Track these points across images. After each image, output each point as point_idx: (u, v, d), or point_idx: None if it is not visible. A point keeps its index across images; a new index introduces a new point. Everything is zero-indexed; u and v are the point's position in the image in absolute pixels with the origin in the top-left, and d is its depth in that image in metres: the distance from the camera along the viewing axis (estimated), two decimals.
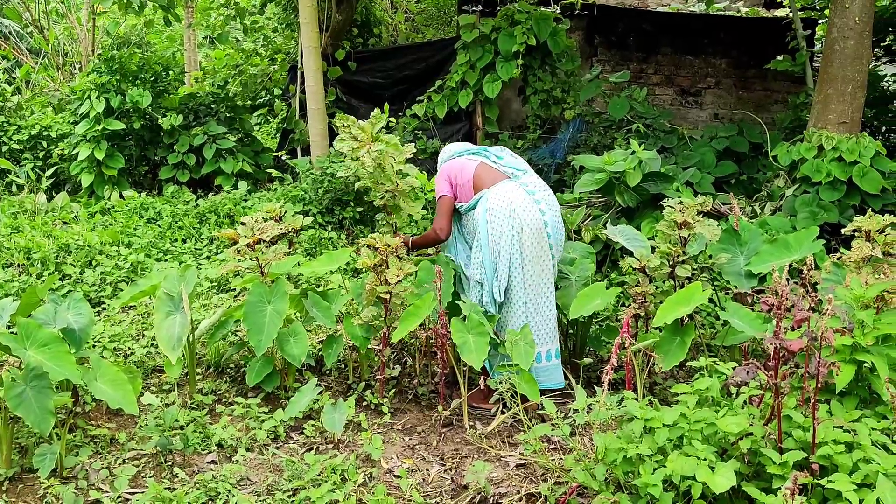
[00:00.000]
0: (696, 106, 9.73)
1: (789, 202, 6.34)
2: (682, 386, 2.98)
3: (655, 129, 8.04)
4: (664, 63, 9.63)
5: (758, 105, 9.52)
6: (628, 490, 2.75)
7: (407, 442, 3.76)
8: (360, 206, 6.90)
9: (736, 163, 7.86)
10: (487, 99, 8.17)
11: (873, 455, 2.40)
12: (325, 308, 4.11)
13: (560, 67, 8.35)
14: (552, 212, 4.01)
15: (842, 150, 6.19)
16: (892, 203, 6.30)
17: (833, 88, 6.39)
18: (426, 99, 8.33)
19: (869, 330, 2.88)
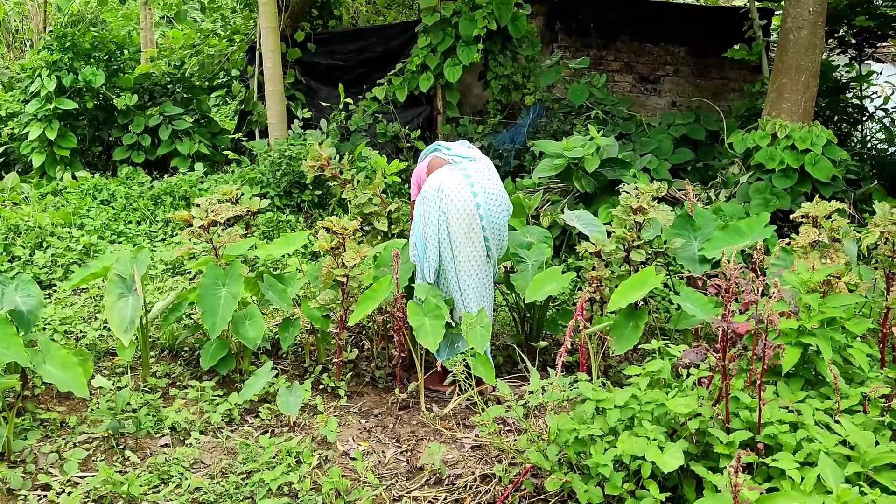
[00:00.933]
0: (655, 93, 9.82)
1: (743, 189, 6.45)
2: (634, 368, 3.03)
3: (614, 116, 8.09)
4: (624, 50, 9.70)
5: (715, 93, 9.64)
6: (580, 470, 2.79)
7: (363, 424, 3.77)
8: (318, 190, 6.85)
9: (692, 150, 7.96)
10: (448, 83, 8.14)
11: (816, 434, 2.46)
12: (281, 291, 4.08)
13: (521, 53, 8.35)
14: (487, 197, 3.95)
15: (795, 139, 6.31)
16: (842, 191, 6.46)
17: (787, 78, 6.50)
18: (386, 82, 8.27)
19: (814, 313, 2.95)
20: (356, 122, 7.94)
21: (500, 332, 5.00)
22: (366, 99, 8.24)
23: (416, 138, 7.92)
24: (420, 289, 3.93)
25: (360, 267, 4.01)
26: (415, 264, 4.05)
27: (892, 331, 3.36)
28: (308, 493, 3.01)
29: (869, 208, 6.32)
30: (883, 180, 8.40)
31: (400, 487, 3.19)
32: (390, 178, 6.62)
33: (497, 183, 4.11)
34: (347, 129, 8.00)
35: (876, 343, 3.38)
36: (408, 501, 3.07)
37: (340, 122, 7.91)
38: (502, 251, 4.15)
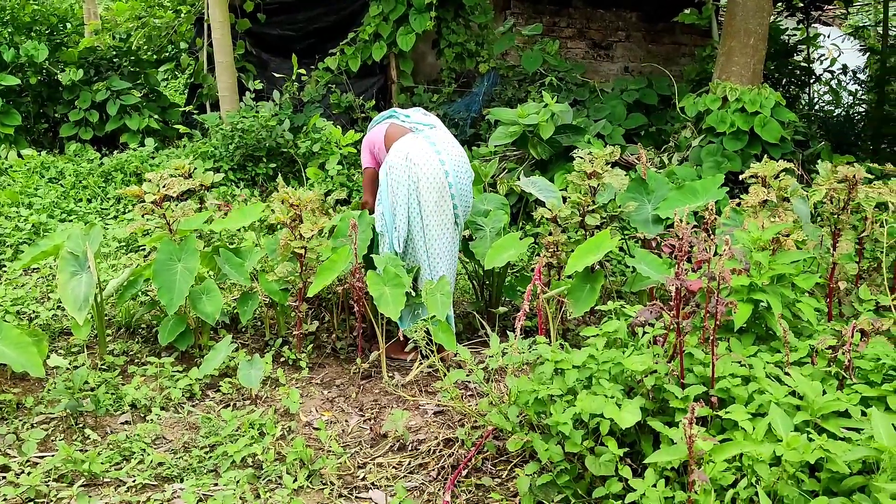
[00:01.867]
0: (608, 59, 9.87)
1: (696, 152, 6.55)
2: (591, 329, 3.08)
3: (568, 83, 8.13)
4: (576, 16, 9.71)
5: (666, 58, 9.72)
6: (541, 429, 2.85)
7: (326, 395, 3.78)
8: (272, 163, 6.78)
9: (645, 115, 8.05)
10: (402, 52, 8.08)
11: (767, 386, 2.54)
12: (238, 265, 4.05)
13: (473, 20, 8.32)
14: (454, 164, 4.00)
15: (744, 102, 6.42)
16: (791, 151, 6.60)
17: (736, 41, 6.59)
18: (339, 52, 8.18)
19: (765, 270, 3.03)
20: (309, 94, 7.85)
21: (460, 299, 5.03)
22: (318, 69, 8.14)
23: (370, 108, 7.87)
24: (379, 259, 3.93)
25: (317, 238, 3.99)
26: (381, 234, 4.04)
27: (838, 285, 3.47)
28: (272, 464, 3.01)
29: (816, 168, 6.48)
30: (830, 140, 8.60)
31: (364, 455, 3.22)
32: (345, 149, 6.59)
33: (460, 150, 4.14)
34: (300, 100, 7.91)
35: (823, 297, 3.48)
36: (372, 468, 3.10)
37: (293, 94, 7.81)
38: (467, 217, 4.20)
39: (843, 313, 3.56)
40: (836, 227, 3.45)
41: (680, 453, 2.14)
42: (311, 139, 6.70)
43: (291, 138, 6.75)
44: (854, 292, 3.57)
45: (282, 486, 2.89)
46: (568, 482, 2.70)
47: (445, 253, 4.04)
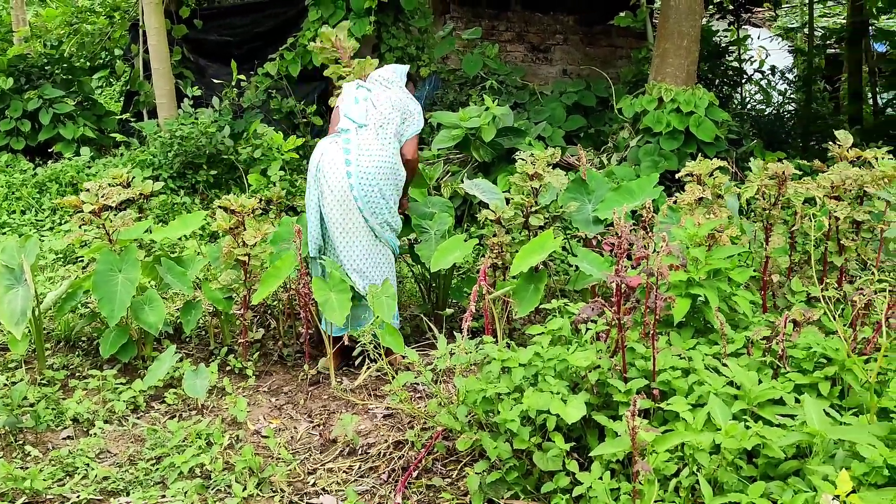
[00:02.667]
0: (547, 62, 10.01)
1: (633, 152, 6.70)
2: (536, 327, 3.13)
3: (508, 86, 8.23)
4: (514, 20, 9.82)
5: (604, 61, 9.91)
6: (489, 428, 2.88)
7: (274, 402, 3.76)
8: (213, 170, 6.69)
9: (584, 116, 8.19)
10: None
11: (706, 378, 2.62)
12: (180, 274, 4.00)
13: (413, 24, 8.35)
14: (362, 177, 3.84)
15: (679, 102, 6.59)
16: (725, 149, 6.79)
17: (670, 43, 6.76)
18: (278, 57, 8.11)
19: (701, 265, 3.12)
20: (249, 99, 7.78)
21: (407, 302, 5.05)
22: (258, 75, 8.07)
23: (312, 113, 7.83)
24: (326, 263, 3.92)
25: (261, 245, 3.96)
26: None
27: (771, 278, 3.59)
28: (221, 473, 2.99)
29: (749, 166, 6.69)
30: (762, 138, 8.88)
31: (314, 461, 3.21)
32: (287, 154, 6.55)
33: (379, 158, 3.93)
34: (240, 106, 7.83)
35: (758, 290, 3.60)
36: (322, 473, 3.10)
37: (233, 100, 7.72)
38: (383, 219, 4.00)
39: (777, 305, 3.68)
40: (768, 222, 3.58)
41: (623, 445, 2.19)
42: (252, 145, 6.64)
43: (232, 145, 6.68)
44: (787, 284, 3.70)
45: (231, 496, 2.86)
46: (517, 479, 2.74)
47: (363, 265, 3.94)
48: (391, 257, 4.08)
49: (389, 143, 4.00)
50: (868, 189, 3.63)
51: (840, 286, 3.65)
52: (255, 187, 6.23)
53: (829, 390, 2.58)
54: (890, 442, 2.17)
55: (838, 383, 2.63)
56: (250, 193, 6.17)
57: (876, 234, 3.72)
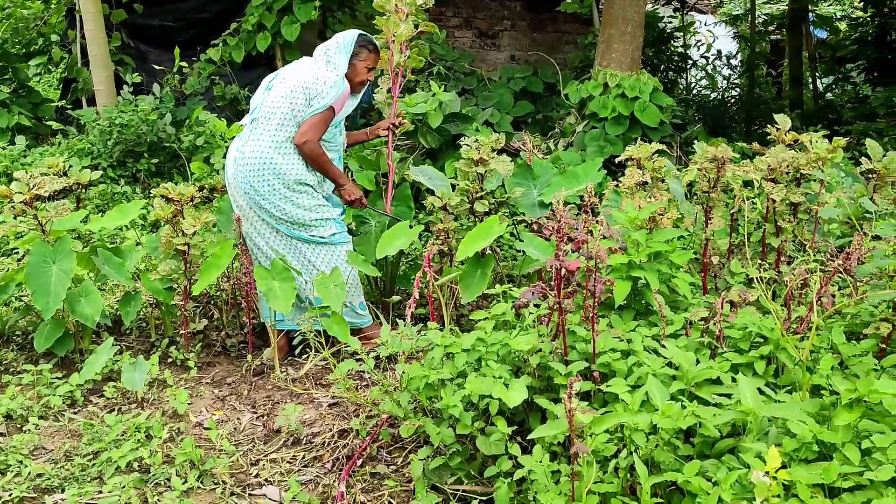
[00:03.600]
0: (494, 48, 10.00)
1: (580, 138, 6.73)
2: (480, 312, 3.13)
3: (456, 72, 8.20)
4: (462, 6, 9.78)
5: (551, 46, 9.93)
6: (433, 414, 2.88)
7: (217, 394, 3.70)
8: (155, 158, 6.54)
9: (532, 102, 8.21)
10: (287, 42, 7.92)
11: (645, 359, 2.65)
12: (118, 265, 3.90)
13: (360, 10, 8.26)
14: (241, 165, 3.79)
15: (624, 87, 6.63)
16: (670, 134, 6.87)
17: (615, 28, 6.79)
18: (221, 43, 7.95)
19: (642, 248, 3.15)
20: (191, 86, 7.61)
21: None
22: (201, 61, 7.90)
23: None
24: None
25: (201, 234, 3.89)
26: None
27: (711, 260, 3.64)
28: (160, 467, 2.93)
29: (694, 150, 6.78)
30: (706, 123, 9.01)
31: (257, 451, 3.17)
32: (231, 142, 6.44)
33: (257, 143, 3.80)
34: (183, 93, 7.65)
35: (698, 272, 3.65)
36: (265, 464, 3.06)
37: (175, 87, 7.55)
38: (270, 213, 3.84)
39: (718, 286, 3.74)
40: (708, 204, 3.62)
41: (561, 427, 2.20)
42: (195, 133, 6.50)
43: (174, 132, 6.53)
44: (727, 266, 3.76)
45: (171, 489, 2.81)
46: (460, 464, 2.74)
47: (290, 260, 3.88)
48: (323, 249, 3.98)
49: (273, 133, 3.81)
50: (804, 171, 3.70)
51: (777, 267, 3.72)
52: (198, 175, 6.10)
53: (765, 369, 2.62)
54: (820, 418, 2.22)
55: (773, 362, 2.68)
56: (193, 182, 6.04)
57: (812, 216, 3.80)
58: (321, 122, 3.83)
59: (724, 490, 1.99)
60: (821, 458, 2.09)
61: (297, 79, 3.84)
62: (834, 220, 4.09)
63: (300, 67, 3.94)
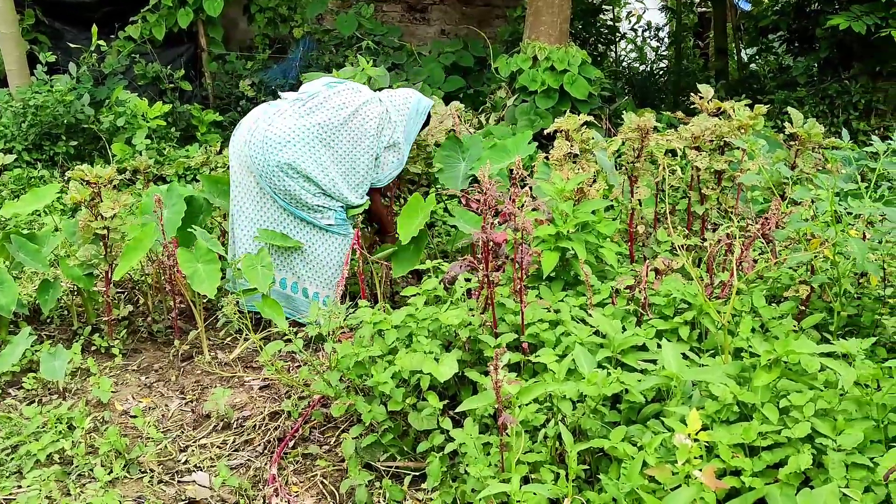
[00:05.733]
0: (424, 22, 9.90)
1: (510, 112, 6.73)
2: (411, 288, 3.11)
3: (385, 46, 8.10)
4: None
5: (481, 20, 9.89)
6: (364, 392, 2.85)
7: (143, 381, 3.60)
8: (73, 140, 6.30)
9: (463, 77, 8.18)
10: (210, 18, 7.70)
11: (572, 329, 2.67)
12: (33, 251, 3.75)
13: None
14: (260, 133, 3.73)
15: (553, 60, 6.64)
16: (599, 107, 6.93)
17: (542, 1, 6.79)
18: (141, 19, 7.67)
19: (570, 219, 3.17)
20: (110, 65, 7.33)
21: None
22: (119, 39, 7.61)
23: (179, 78, 7.47)
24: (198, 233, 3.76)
25: (122, 216, 3.75)
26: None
27: (637, 229, 3.69)
28: (84, 458, 2.83)
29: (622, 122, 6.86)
30: (636, 95, 9.12)
31: (186, 437, 3.10)
32: (153, 121, 6.25)
33: (293, 122, 3.74)
34: (102, 72, 7.37)
35: (625, 242, 3.69)
36: (195, 450, 2.99)
37: (92, 66, 7.26)
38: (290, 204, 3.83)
39: (646, 255, 3.79)
40: (633, 174, 3.66)
41: (489, 399, 2.20)
42: (115, 113, 6.28)
43: (93, 113, 6.29)
44: (653, 235, 3.81)
45: (95, 480, 2.73)
46: (393, 440, 2.73)
47: (247, 226, 3.88)
48: (318, 235, 3.92)
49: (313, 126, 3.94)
50: (727, 139, 3.76)
51: (703, 234, 3.78)
52: (119, 157, 5.91)
53: (689, 334, 2.67)
54: (741, 380, 2.27)
55: (697, 327, 2.73)
56: (115, 163, 5.85)
57: (735, 183, 3.87)
58: None
59: (649, 454, 2.02)
60: (742, 418, 2.14)
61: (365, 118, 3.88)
62: (756, 186, 4.18)
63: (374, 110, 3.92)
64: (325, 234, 3.85)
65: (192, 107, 7.01)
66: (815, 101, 7.70)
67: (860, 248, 2.59)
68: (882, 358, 2.64)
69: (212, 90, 7.78)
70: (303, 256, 3.87)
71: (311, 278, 3.90)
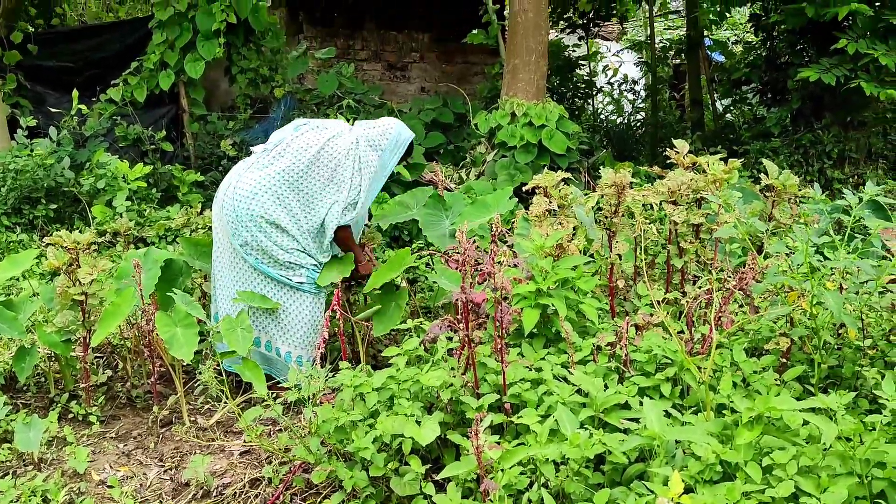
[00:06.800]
0: (404, 80, 10.06)
1: (490, 167, 6.80)
2: (392, 349, 3.08)
3: (366, 104, 8.18)
4: (370, 39, 9.82)
5: (460, 77, 10.06)
6: (345, 457, 2.81)
7: (122, 449, 3.53)
8: (53, 203, 6.28)
9: (443, 133, 8.27)
10: (191, 80, 7.77)
11: (554, 388, 2.65)
12: (10, 318, 3.70)
13: (265, 45, 8.18)
14: (229, 195, 3.76)
15: (531, 116, 6.74)
16: (577, 160, 7.01)
17: (519, 59, 6.91)
18: (122, 82, 7.72)
19: (550, 276, 3.18)
20: (92, 127, 7.34)
21: None
22: (101, 102, 7.65)
23: (161, 139, 7.50)
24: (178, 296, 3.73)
25: (102, 280, 3.72)
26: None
27: (617, 284, 3.70)
28: None
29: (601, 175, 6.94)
30: (613, 147, 9.25)
31: None
32: (134, 183, 6.26)
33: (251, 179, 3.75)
34: (83, 135, 7.38)
35: (606, 296, 3.69)
36: None
37: (73, 129, 7.27)
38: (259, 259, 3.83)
39: (627, 310, 3.80)
40: (611, 229, 3.68)
41: (471, 465, 2.17)
42: (96, 175, 6.27)
43: (73, 176, 6.29)
44: (633, 289, 3.82)
45: None
46: None
47: (225, 287, 3.87)
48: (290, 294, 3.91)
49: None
50: (703, 193, 3.80)
51: (682, 287, 3.80)
52: (100, 219, 5.89)
53: (671, 391, 2.66)
54: (724, 437, 2.26)
55: (679, 383, 2.72)
56: (95, 226, 5.82)
57: (713, 237, 3.90)
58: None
59: None
60: (725, 477, 2.12)
61: (332, 155, 3.84)
62: (734, 239, 4.22)
63: (341, 143, 3.88)
64: (297, 292, 3.84)
65: (174, 167, 7.03)
66: (790, 150, 7.83)
67: (836, 300, 2.61)
68: (864, 410, 2.64)
69: (193, 150, 7.81)
70: (274, 315, 3.85)
71: (282, 338, 3.87)
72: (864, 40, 6.67)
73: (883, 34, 6.76)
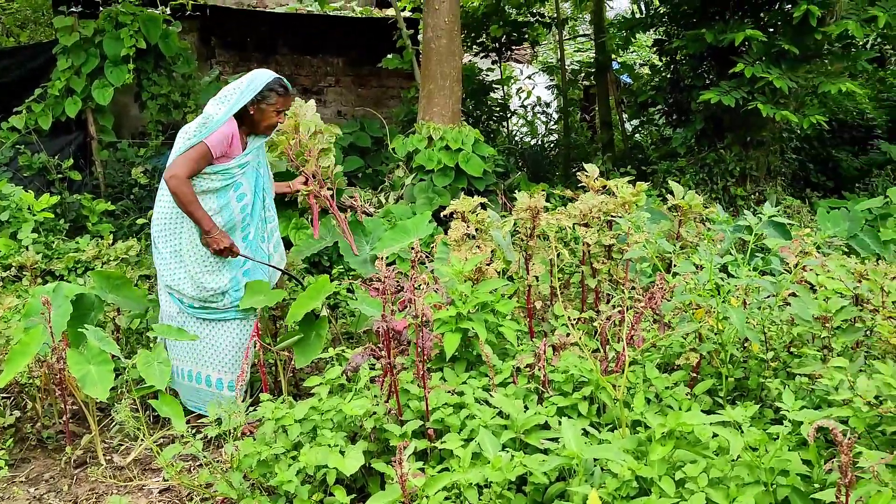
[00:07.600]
0: (320, 104, 10.03)
1: (409, 190, 6.85)
2: (314, 378, 3.08)
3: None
4: (284, 63, 9.78)
5: (376, 101, 10.11)
6: (269, 491, 2.78)
7: (32, 493, 3.39)
8: None
9: (361, 157, 8.29)
10: (100, 107, 7.58)
11: (476, 411, 2.70)
12: None
13: (176, 70, 8.05)
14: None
15: (447, 140, 6.83)
16: (494, 183, 7.13)
17: (434, 84, 7.00)
18: (25, 109, 7.47)
19: (469, 300, 3.23)
20: None
21: None
22: (2, 130, 7.36)
23: (68, 168, 7.27)
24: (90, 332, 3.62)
25: (4, 320, 3.59)
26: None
27: (535, 305, 3.78)
28: None
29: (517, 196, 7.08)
30: (528, 169, 9.44)
31: None
32: (40, 214, 6.05)
33: (159, 205, 3.81)
34: None
35: (524, 318, 3.78)
36: None
37: None
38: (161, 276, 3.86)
39: (545, 330, 3.89)
40: (527, 252, 3.77)
41: (395, 494, 2.19)
42: None
43: None
44: (550, 310, 3.91)
45: None
46: None
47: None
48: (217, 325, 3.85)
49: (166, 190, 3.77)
50: (613, 216, 3.94)
51: (597, 306, 3.92)
52: (4, 253, 5.65)
53: (588, 409, 2.74)
54: (639, 453, 2.34)
55: (596, 401, 2.81)
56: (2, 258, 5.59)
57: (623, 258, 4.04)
58: (192, 158, 3.60)
59: None
60: (641, 492, 2.20)
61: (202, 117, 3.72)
62: (644, 258, 4.38)
63: (225, 96, 3.75)
64: (222, 322, 3.80)
65: (83, 197, 6.82)
66: (696, 169, 8.16)
67: (739, 316, 2.75)
68: (769, 420, 2.78)
69: (103, 179, 7.60)
70: (201, 344, 3.80)
71: (211, 364, 3.82)
72: (760, 64, 7.03)
73: (776, 58, 7.15)
